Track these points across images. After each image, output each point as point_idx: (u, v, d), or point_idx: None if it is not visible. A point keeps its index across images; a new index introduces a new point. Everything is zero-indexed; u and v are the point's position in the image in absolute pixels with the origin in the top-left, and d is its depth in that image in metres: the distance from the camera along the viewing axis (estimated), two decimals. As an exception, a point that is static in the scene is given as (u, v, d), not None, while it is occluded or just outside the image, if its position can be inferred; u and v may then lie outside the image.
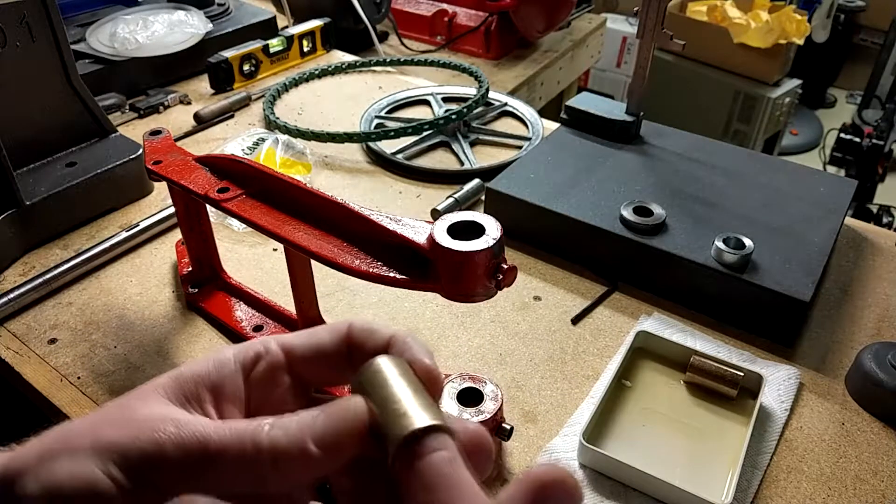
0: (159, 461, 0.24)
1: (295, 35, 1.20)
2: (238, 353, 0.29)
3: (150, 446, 0.24)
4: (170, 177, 0.58)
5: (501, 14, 1.46)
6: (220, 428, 0.25)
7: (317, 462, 0.24)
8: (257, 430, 0.25)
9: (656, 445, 0.55)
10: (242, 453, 0.24)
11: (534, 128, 1.01)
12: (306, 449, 0.24)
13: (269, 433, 0.25)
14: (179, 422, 0.25)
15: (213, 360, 0.28)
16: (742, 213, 0.74)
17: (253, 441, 0.25)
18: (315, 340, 0.29)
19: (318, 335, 0.29)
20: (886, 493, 0.53)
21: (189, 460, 0.24)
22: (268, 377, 0.29)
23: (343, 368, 0.29)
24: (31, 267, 0.74)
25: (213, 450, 0.24)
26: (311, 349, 0.29)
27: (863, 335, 0.67)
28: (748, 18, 2.36)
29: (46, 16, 0.75)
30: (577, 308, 0.70)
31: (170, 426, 0.25)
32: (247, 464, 0.24)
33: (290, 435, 0.25)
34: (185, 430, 0.25)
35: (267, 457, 0.24)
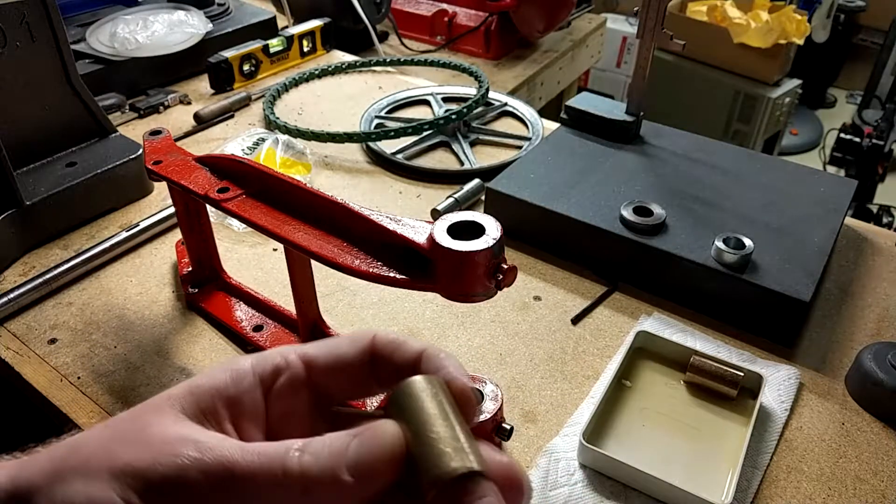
0: (181, 488, 0.23)
1: (295, 35, 1.20)
2: (257, 366, 0.27)
3: (172, 471, 0.23)
4: (170, 177, 0.57)
5: (501, 14, 1.46)
6: (247, 452, 0.24)
7: (350, 490, 0.23)
8: (287, 455, 0.24)
9: (656, 445, 0.55)
10: (271, 480, 0.23)
11: (534, 128, 1.01)
12: (339, 477, 0.23)
13: (301, 459, 0.23)
14: (202, 445, 0.24)
15: (230, 371, 0.27)
16: (742, 213, 0.74)
17: (283, 468, 0.23)
18: (337, 352, 0.28)
19: (340, 347, 0.28)
20: (886, 493, 0.53)
21: (213, 487, 0.23)
22: (288, 391, 0.27)
23: (366, 381, 0.28)
24: (31, 267, 0.74)
25: (240, 476, 0.23)
26: (332, 361, 0.28)
27: (863, 335, 0.67)
28: (748, 18, 2.36)
29: (46, 16, 0.75)
30: (577, 308, 0.70)
31: (191, 449, 0.24)
32: (275, 491, 0.23)
33: (322, 462, 0.23)
34: (208, 455, 0.23)
35: (297, 484, 0.23)
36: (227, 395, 0.26)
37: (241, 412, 0.26)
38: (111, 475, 0.23)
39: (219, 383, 0.26)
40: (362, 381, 0.28)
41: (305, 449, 0.24)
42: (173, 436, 0.24)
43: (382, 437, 0.24)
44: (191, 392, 0.26)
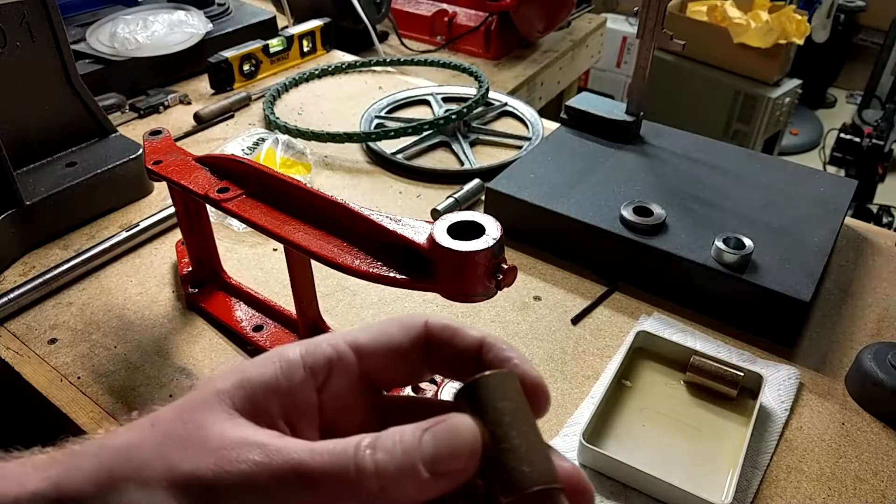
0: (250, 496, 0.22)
1: (295, 35, 1.20)
2: (307, 356, 0.26)
3: (240, 479, 0.22)
4: (170, 177, 0.57)
5: (501, 14, 1.46)
6: (316, 452, 0.23)
7: (427, 487, 0.22)
8: (359, 453, 0.23)
9: (656, 445, 0.55)
10: (345, 480, 0.22)
11: (534, 128, 1.01)
12: (417, 474, 0.22)
13: (375, 457, 0.22)
14: (268, 448, 0.23)
15: (279, 364, 0.25)
16: (742, 213, 0.74)
17: (356, 466, 0.22)
18: (388, 339, 0.27)
19: (390, 332, 0.27)
20: (886, 493, 0.53)
21: (284, 492, 0.22)
22: (341, 383, 0.26)
23: (418, 368, 0.27)
24: (31, 267, 0.74)
25: (312, 478, 0.22)
26: (383, 348, 0.27)
27: (863, 335, 0.67)
28: (748, 18, 2.36)
29: (46, 16, 0.74)
30: (577, 308, 0.70)
31: (257, 454, 0.23)
32: (349, 492, 0.22)
33: (398, 459, 0.22)
34: (276, 459, 0.22)
35: (374, 483, 0.22)
36: (280, 390, 0.25)
37: (294, 407, 0.25)
38: (172, 484, 0.22)
39: (270, 378, 0.25)
40: (414, 367, 0.27)
41: (377, 446, 0.23)
42: (234, 438, 0.23)
43: (461, 432, 0.23)
44: (241, 387, 0.25)
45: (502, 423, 0.23)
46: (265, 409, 0.25)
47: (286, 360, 0.26)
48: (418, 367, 0.27)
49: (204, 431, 0.23)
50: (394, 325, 0.27)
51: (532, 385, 0.25)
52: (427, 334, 0.27)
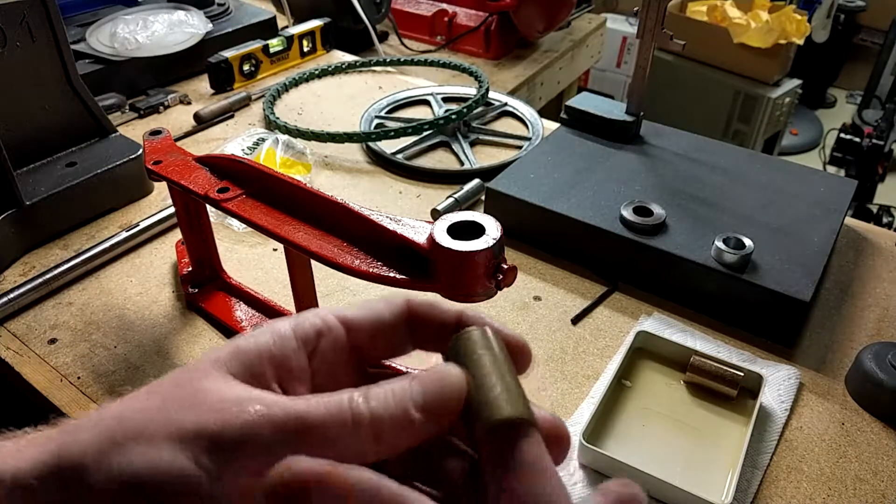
0: (254, 446, 0.23)
1: (295, 35, 1.20)
2: (297, 328, 0.27)
3: (244, 429, 0.23)
4: (170, 177, 0.57)
5: (501, 14, 1.46)
6: (312, 405, 0.24)
7: (420, 429, 0.24)
8: (353, 403, 0.24)
9: (656, 445, 0.55)
10: (342, 428, 0.24)
11: (534, 128, 1.01)
12: (409, 417, 0.24)
13: (369, 405, 0.24)
14: (266, 400, 0.24)
15: (271, 333, 0.27)
16: (742, 213, 0.74)
17: (353, 414, 0.24)
18: (374, 314, 0.29)
19: (377, 308, 0.29)
20: (887, 494, 0.53)
21: (287, 442, 0.23)
22: (330, 353, 0.28)
23: (402, 342, 0.29)
24: (31, 267, 0.74)
25: (312, 427, 0.23)
26: (370, 323, 0.28)
27: (863, 335, 0.67)
28: (748, 18, 2.36)
29: (46, 16, 0.75)
30: (577, 308, 0.70)
31: (257, 407, 0.24)
32: (347, 439, 0.24)
33: (390, 405, 0.24)
34: (277, 410, 0.23)
35: (369, 429, 0.24)
36: (273, 357, 0.26)
37: (287, 374, 0.26)
38: (177, 439, 0.23)
39: (263, 345, 0.26)
40: (399, 341, 0.29)
41: (369, 396, 0.24)
42: (233, 396, 0.24)
43: (445, 378, 0.25)
44: (236, 355, 0.26)
45: (482, 370, 0.25)
46: (260, 373, 0.26)
47: (278, 331, 0.27)
48: (403, 342, 0.29)
49: (203, 393, 0.24)
50: (380, 303, 0.29)
51: (513, 344, 0.27)
52: (409, 310, 0.29)
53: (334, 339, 0.28)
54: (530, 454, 0.23)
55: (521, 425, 0.24)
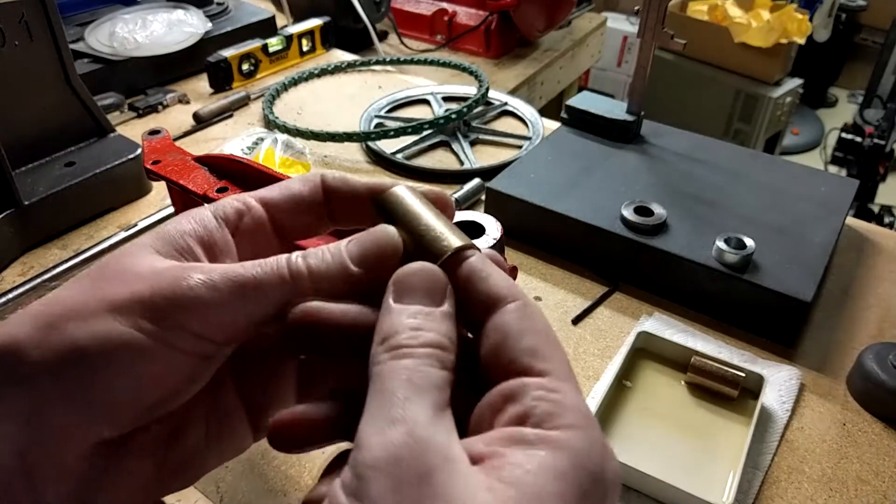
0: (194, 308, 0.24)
1: (294, 34, 1.19)
2: (217, 210, 0.28)
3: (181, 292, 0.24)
4: (169, 176, 0.57)
5: (502, 13, 1.45)
6: (248, 267, 0.25)
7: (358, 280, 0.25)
8: (292, 260, 0.25)
9: (657, 446, 0.55)
10: (282, 284, 0.25)
11: (534, 127, 1.00)
12: (347, 269, 0.25)
13: (307, 261, 0.25)
14: (203, 267, 0.25)
15: (192, 217, 0.28)
16: (743, 212, 0.74)
17: (291, 269, 0.25)
18: (291, 192, 0.30)
19: (293, 187, 0.30)
20: (888, 494, 0.52)
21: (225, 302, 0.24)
22: (252, 230, 0.29)
23: (320, 216, 0.30)
24: (30, 267, 0.74)
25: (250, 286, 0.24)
26: (288, 200, 0.29)
27: (864, 335, 0.67)
28: (749, 18, 2.36)
29: (45, 15, 0.74)
30: (578, 308, 0.69)
31: (195, 271, 0.24)
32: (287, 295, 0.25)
33: (328, 259, 0.25)
34: (214, 274, 0.24)
35: (308, 283, 0.25)
36: (198, 236, 0.27)
37: (214, 250, 0.27)
38: (113, 310, 0.23)
39: (186, 226, 0.27)
40: (317, 216, 0.30)
41: (307, 255, 0.25)
42: (165, 267, 0.25)
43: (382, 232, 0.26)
44: (161, 237, 0.26)
45: (418, 216, 0.27)
46: (188, 249, 0.26)
47: (198, 215, 0.28)
48: (320, 216, 0.30)
49: (135, 269, 0.25)
50: (296, 181, 0.30)
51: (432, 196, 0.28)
52: (324, 185, 0.30)
53: (255, 218, 0.29)
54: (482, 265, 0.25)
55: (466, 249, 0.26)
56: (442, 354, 0.23)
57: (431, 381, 0.22)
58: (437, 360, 0.22)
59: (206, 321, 0.24)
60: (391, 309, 0.24)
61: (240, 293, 0.24)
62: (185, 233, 0.27)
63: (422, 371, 0.22)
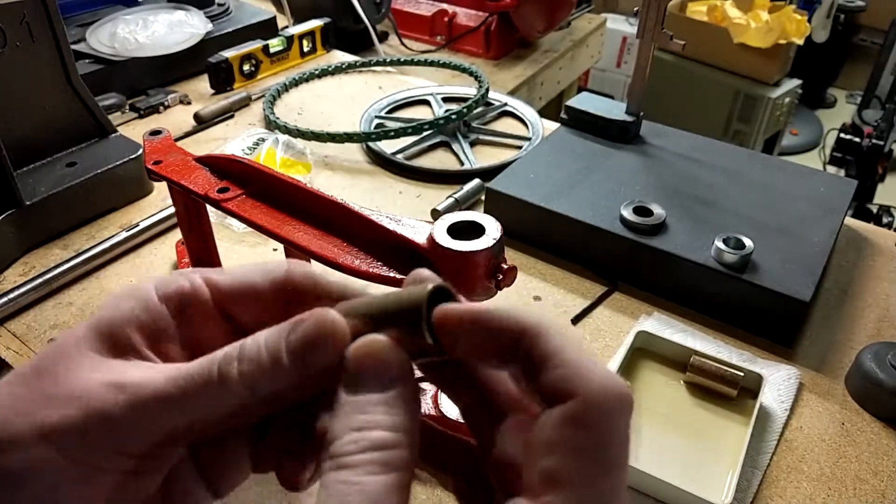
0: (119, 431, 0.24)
1: (295, 35, 1.20)
2: (159, 288, 0.27)
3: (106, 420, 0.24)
4: (170, 177, 0.57)
5: (501, 14, 1.46)
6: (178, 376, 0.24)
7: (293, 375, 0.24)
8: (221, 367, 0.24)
9: (656, 445, 0.55)
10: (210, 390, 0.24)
11: (534, 128, 1.01)
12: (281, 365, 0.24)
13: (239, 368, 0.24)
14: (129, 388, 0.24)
15: (135, 300, 0.27)
16: (742, 213, 0.74)
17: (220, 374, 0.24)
18: (245, 280, 0.28)
19: (250, 276, 0.28)
20: (886, 494, 0.53)
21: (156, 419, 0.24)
22: (198, 314, 0.28)
23: (276, 312, 0.28)
24: (31, 267, 0.74)
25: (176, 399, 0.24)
26: (239, 288, 0.28)
27: (863, 335, 0.67)
28: (748, 18, 2.36)
29: (46, 16, 0.75)
30: (577, 308, 0.70)
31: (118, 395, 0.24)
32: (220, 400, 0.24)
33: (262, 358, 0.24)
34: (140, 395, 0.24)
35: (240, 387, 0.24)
36: (139, 323, 0.26)
37: (155, 335, 0.26)
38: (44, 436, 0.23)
39: (126, 313, 0.26)
40: (275, 311, 0.28)
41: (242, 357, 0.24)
42: (97, 382, 0.24)
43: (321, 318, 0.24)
44: (97, 329, 0.26)
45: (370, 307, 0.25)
46: (127, 342, 0.26)
47: (141, 296, 0.27)
48: (280, 312, 0.28)
49: (66, 383, 0.24)
50: (256, 270, 0.28)
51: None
52: (288, 281, 0.28)
53: (200, 303, 0.27)
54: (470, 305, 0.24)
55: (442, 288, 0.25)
56: (387, 455, 0.21)
57: (369, 498, 0.20)
58: (380, 465, 0.21)
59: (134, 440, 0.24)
60: (339, 403, 0.23)
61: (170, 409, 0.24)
62: (126, 321, 0.26)
63: (360, 483, 0.20)
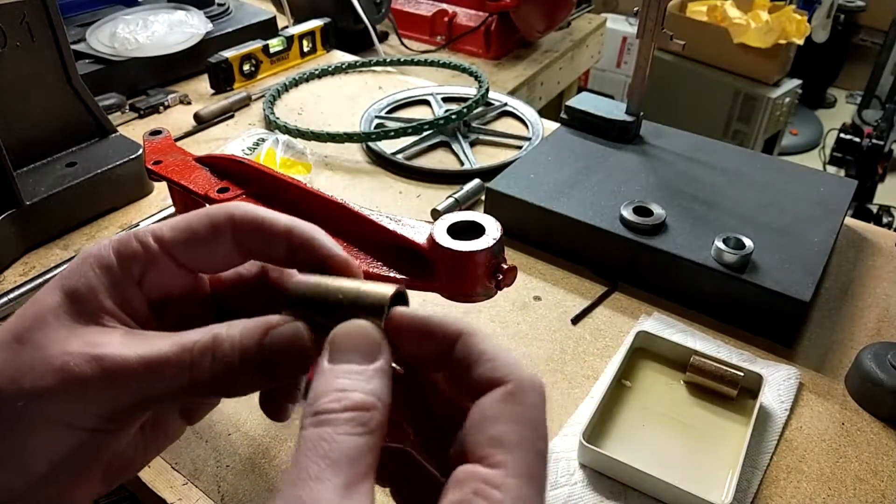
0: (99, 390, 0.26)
1: (295, 35, 1.20)
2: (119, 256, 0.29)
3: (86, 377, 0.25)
4: (170, 177, 0.57)
5: (501, 14, 1.46)
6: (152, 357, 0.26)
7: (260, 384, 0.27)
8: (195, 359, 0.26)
9: (656, 445, 0.55)
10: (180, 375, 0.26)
11: (534, 128, 1.01)
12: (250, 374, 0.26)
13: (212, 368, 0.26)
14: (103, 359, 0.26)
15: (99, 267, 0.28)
16: (742, 213, 0.74)
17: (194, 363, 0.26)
18: (188, 230, 0.29)
19: (192, 224, 0.29)
20: (886, 493, 0.53)
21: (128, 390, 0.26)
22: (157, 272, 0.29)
23: (226, 255, 0.30)
24: (32, 267, 0.74)
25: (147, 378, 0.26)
26: (184, 238, 0.29)
27: (863, 335, 0.67)
28: (748, 18, 2.36)
29: (46, 16, 0.74)
30: (577, 308, 0.70)
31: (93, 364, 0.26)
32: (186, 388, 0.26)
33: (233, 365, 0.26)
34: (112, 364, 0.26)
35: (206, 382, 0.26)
36: (106, 291, 0.28)
37: (122, 298, 0.28)
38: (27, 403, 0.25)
39: (93, 281, 0.28)
40: (222, 255, 0.30)
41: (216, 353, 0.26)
42: (75, 351, 0.26)
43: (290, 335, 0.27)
44: (70, 298, 0.27)
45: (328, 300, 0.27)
46: (99, 307, 0.28)
47: (103, 265, 0.28)
48: (227, 255, 0.30)
49: (45, 350, 0.26)
50: (199, 217, 0.30)
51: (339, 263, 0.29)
52: (233, 224, 0.29)
53: (156, 260, 0.29)
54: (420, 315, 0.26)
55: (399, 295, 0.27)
56: (366, 416, 0.23)
57: (347, 454, 0.22)
58: (359, 424, 0.22)
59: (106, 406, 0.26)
60: (323, 370, 0.24)
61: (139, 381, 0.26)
62: (95, 288, 0.28)
63: (338, 441, 0.22)
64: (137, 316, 0.29)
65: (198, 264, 0.30)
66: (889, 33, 2.95)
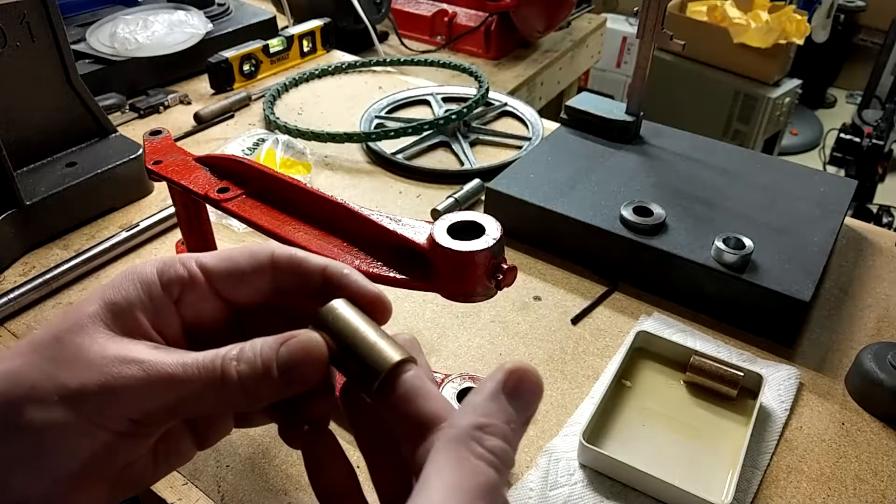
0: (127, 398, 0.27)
1: (295, 35, 1.20)
2: (163, 276, 0.30)
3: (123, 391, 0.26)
4: (170, 177, 0.57)
5: (501, 14, 1.46)
6: (187, 366, 0.27)
7: (282, 388, 0.28)
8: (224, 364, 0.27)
9: (656, 445, 0.55)
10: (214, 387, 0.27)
11: (534, 128, 1.01)
12: (273, 378, 0.27)
13: (238, 368, 0.27)
14: (144, 363, 0.27)
15: (140, 284, 0.30)
16: (742, 213, 0.74)
17: (223, 376, 0.27)
18: (231, 263, 0.31)
19: (235, 258, 0.31)
20: (886, 493, 0.53)
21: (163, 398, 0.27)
22: (194, 297, 0.31)
23: (263, 291, 0.32)
24: (32, 267, 0.74)
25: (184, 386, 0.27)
26: (225, 271, 0.31)
27: (863, 335, 0.67)
28: (748, 18, 2.36)
29: (46, 16, 0.75)
30: (577, 308, 0.70)
31: (135, 368, 0.27)
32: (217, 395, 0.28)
33: (257, 368, 0.28)
34: (152, 372, 0.27)
35: (237, 387, 0.27)
36: (144, 307, 0.29)
37: (159, 319, 0.30)
38: (64, 399, 0.26)
39: (133, 297, 0.29)
40: (259, 290, 0.32)
41: (240, 358, 0.28)
42: (114, 355, 0.27)
43: (306, 343, 0.28)
44: (109, 309, 0.29)
45: (356, 333, 0.28)
46: (135, 324, 0.29)
47: (143, 279, 0.30)
48: (264, 291, 0.32)
49: (85, 352, 0.27)
50: (243, 253, 0.32)
51: (370, 300, 0.31)
52: (273, 263, 0.31)
53: (196, 287, 0.31)
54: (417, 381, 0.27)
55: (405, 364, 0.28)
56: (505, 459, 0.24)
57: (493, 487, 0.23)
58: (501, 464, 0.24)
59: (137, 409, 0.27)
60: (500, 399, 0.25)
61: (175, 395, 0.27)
62: (134, 305, 0.29)
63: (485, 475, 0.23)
64: (169, 335, 0.30)
65: (233, 295, 0.32)
66: (889, 33, 2.94)
